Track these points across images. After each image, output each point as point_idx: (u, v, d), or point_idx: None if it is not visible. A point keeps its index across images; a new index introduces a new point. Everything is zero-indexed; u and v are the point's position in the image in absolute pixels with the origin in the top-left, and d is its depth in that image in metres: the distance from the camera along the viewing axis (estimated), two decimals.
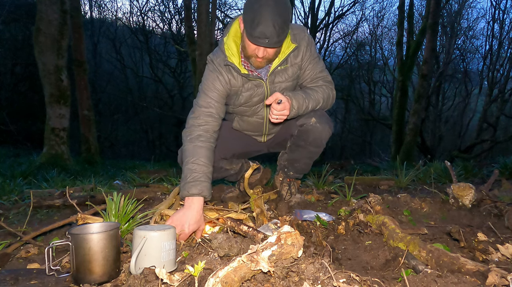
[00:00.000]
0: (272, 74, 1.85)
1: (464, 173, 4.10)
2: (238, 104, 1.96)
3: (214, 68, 1.83)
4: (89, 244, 1.16)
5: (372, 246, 1.44)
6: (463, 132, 17.01)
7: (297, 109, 1.76)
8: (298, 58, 1.87)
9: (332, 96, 1.97)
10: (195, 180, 1.65)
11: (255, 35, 1.56)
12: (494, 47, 15.67)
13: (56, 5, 6.50)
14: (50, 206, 2.52)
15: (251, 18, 1.55)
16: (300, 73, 1.92)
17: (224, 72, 1.82)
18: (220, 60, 1.81)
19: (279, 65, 1.81)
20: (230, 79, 1.83)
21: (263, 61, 1.72)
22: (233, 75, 1.83)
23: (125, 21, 18.86)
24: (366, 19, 25.57)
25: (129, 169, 6.41)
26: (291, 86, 1.93)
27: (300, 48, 1.84)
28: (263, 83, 1.87)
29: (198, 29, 7.45)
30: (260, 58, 1.68)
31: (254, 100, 1.94)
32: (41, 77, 6.62)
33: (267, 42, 1.57)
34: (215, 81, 1.82)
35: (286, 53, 1.78)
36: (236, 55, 1.77)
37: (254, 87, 1.89)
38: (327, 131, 1.98)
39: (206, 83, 1.84)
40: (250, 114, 2.05)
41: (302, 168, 2.22)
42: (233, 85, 1.85)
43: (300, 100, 1.76)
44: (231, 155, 2.22)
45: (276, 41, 1.59)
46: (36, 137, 10.36)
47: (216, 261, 1.13)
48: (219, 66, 1.82)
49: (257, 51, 1.65)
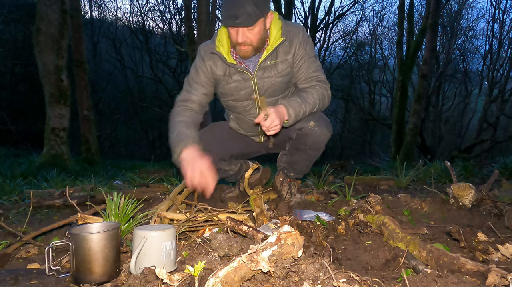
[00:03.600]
0: (260, 69, 1.86)
1: (464, 173, 4.10)
2: (225, 95, 2.00)
3: (199, 56, 1.92)
4: (89, 244, 1.16)
5: (372, 246, 1.44)
6: (463, 132, 17.02)
7: (294, 117, 1.77)
8: (289, 55, 1.87)
9: (327, 96, 1.95)
10: (180, 138, 1.77)
11: (227, 17, 1.63)
12: (494, 47, 15.70)
13: (56, 5, 6.50)
14: (50, 206, 2.52)
15: (225, 3, 1.64)
16: (293, 71, 1.92)
17: (207, 60, 1.89)
18: (207, 48, 1.89)
19: (267, 58, 1.83)
20: (211, 67, 1.90)
21: (248, 49, 1.76)
22: (216, 63, 1.89)
23: (125, 21, 18.86)
24: (366, 19, 25.57)
25: (129, 169, 6.41)
26: (280, 82, 1.92)
27: (292, 45, 1.85)
28: (250, 76, 1.88)
29: (198, 29, 7.45)
30: (242, 45, 1.73)
31: (241, 93, 1.94)
32: (41, 77, 6.62)
33: (238, 22, 1.62)
34: (199, 69, 1.93)
35: (274, 46, 1.80)
36: (226, 45, 1.82)
37: (241, 80, 1.90)
38: (325, 135, 1.97)
39: (191, 71, 1.97)
40: (242, 111, 2.05)
41: (302, 169, 2.22)
42: (213, 73, 1.91)
43: (296, 107, 1.76)
44: (229, 155, 2.22)
45: (248, 20, 1.62)
46: (36, 137, 10.36)
47: (216, 261, 1.13)
48: (203, 55, 1.90)
49: (236, 35, 1.70)
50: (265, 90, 1.93)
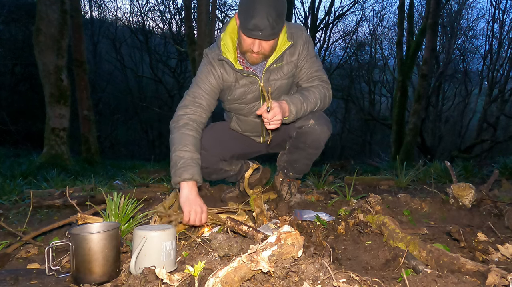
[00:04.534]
0: (267, 72, 1.86)
1: (464, 173, 4.10)
2: (232, 100, 1.98)
3: (208, 62, 1.87)
4: (89, 244, 1.16)
5: (372, 246, 1.44)
6: (463, 132, 17.01)
7: (295, 114, 1.76)
8: (294, 57, 1.87)
9: (328, 96, 1.96)
10: (185, 165, 1.70)
11: (249, 28, 1.58)
12: (494, 47, 15.70)
13: (56, 5, 6.50)
14: (50, 206, 2.52)
15: (245, 11, 1.57)
16: (296, 71, 1.92)
17: (217, 66, 1.85)
18: (214, 54, 1.85)
19: (274, 62, 1.82)
20: (223, 74, 1.87)
21: (259, 57, 1.74)
22: (226, 70, 1.86)
23: (125, 21, 18.87)
24: (366, 19, 25.59)
25: (129, 169, 6.40)
26: (286, 84, 1.93)
27: (297, 46, 1.85)
28: (258, 80, 1.88)
29: (198, 29, 7.44)
30: (255, 53, 1.69)
31: (249, 97, 1.94)
32: (41, 77, 6.62)
33: (260, 34, 1.59)
34: (209, 74, 1.87)
35: (282, 50, 1.79)
36: (232, 51, 1.79)
37: (249, 84, 1.90)
38: (325, 133, 1.97)
39: (199, 75, 1.89)
40: (246, 113, 2.05)
41: (302, 168, 2.22)
42: (225, 80, 1.88)
43: (298, 104, 1.76)
44: (230, 156, 2.22)
45: (270, 33, 1.60)
46: (36, 137, 10.35)
47: (216, 261, 1.13)
48: (212, 60, 1.86)
49: (252, 45, 1.66)
50: (272, 92, 1.93)
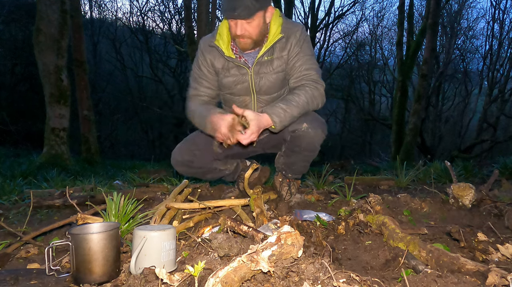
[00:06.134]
0: (258, 64, 1.89)
1: (464, 173, 4.09)
2: (223, 88, 2.04)
3: (199, 51, 1.98)
4: (89, 244, 1.16)
5: (372, 246, 1.44)
6: (463, 132, 17.00)
7: (280, 123, 1.75)
8: (285, 52, 1.88)
9: (318, 95, 1.89)
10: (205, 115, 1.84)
11: (226, 9, 1.68)
12: (494, 47, 15.70)
13: (56, 5, 6.50)
14: (50, 206, 2.52)
15: None
16: (287, 68, 1.93)
17: (206, 54, 1.94)
18: (206, 41, 1.94)
19: (265, 54, 1.86)
20: (211, 60, 1.95)
21: (247, 42, 1.79)
22: (214, 56, 1.93)
23: (125, 21, 18.85)
24: (366, 19, 25.52)
25: (129, 169, 6.40)
26: (275, 79, 1.93)
27: (288, 41, 1.86)
28: (248, 71, 1.90)
29: (198, 29, 7.44)
30: (241, 37, 1.76)
31: (238, 87, 1.97)
32: (41, 77, 6.62)
33: (236, 14, 1.66)
34: (200, 65, 1.98)
35: (272, 41, 1.82)
36: (226, 38, 1.86)
37: (239, 75, 1.93)
38: (319, 136, 1.95)
39: (193, 68, 2.03)
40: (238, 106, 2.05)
41: (300, 169, 2.21)
42: (214, 66, 1.95)
43: (281, 114, 1.75)
44: (224, 155, 2.21)
45: (246, 12, 1.66)
46: (36, 137, 10.34)
47: (216, 261, 1.13)
48: (203, 49, 1.95)
49: (234, 27, 1.74)
50: (261, 87, 1.95)
